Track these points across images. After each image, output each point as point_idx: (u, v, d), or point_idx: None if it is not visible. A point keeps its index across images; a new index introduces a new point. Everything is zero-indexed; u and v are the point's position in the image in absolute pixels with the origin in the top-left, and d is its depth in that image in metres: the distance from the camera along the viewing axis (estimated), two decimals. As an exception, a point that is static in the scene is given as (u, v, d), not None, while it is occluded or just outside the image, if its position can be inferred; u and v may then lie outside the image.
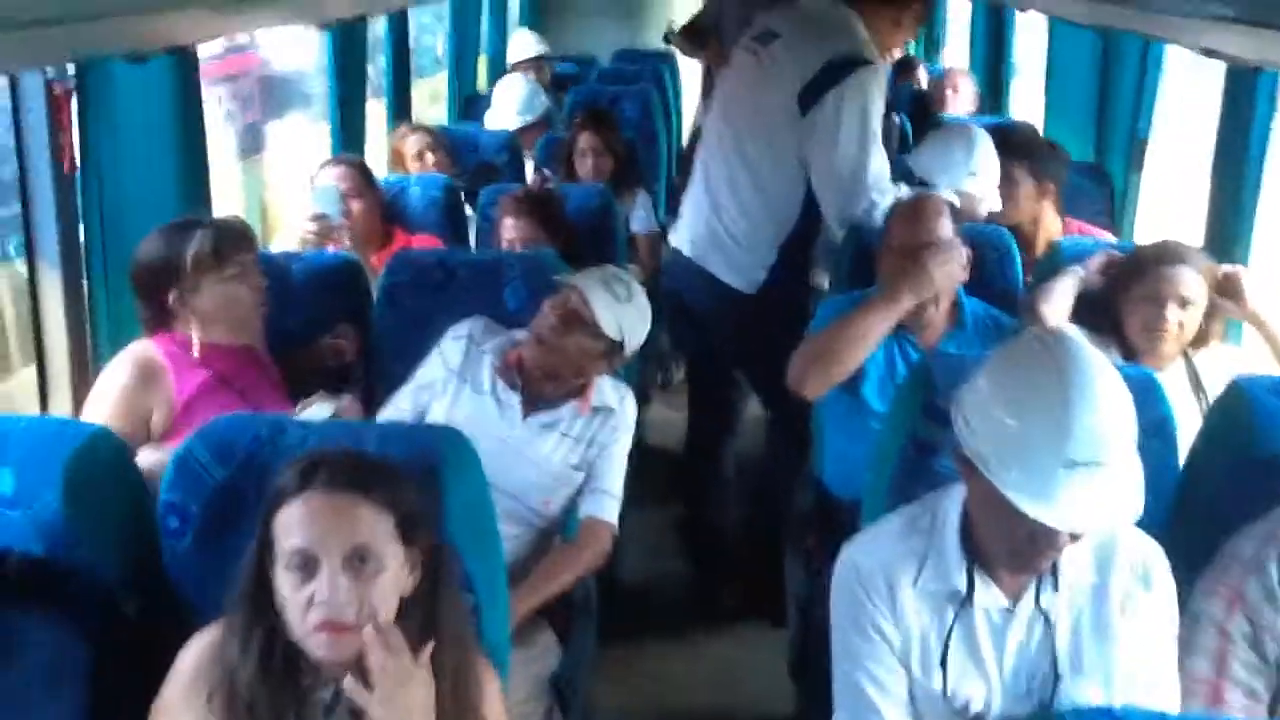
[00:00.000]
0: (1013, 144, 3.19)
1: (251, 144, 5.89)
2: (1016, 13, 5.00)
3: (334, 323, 2.53)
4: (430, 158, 3.91)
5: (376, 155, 3.96)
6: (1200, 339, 2.46)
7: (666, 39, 7.90)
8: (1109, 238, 3.24)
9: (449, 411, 2.26)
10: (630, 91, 5.19)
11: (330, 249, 2.86)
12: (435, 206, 3.41)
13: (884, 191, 2.72)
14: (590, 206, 3.43)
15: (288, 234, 3.03)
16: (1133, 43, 3.37)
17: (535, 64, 5.51)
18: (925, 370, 1.85)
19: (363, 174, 3.26)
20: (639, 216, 4.05)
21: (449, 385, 2.28)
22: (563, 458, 2.25)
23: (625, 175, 4.07)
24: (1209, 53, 2.60)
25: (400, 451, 1.51)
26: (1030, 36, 5.13)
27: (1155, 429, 1.82)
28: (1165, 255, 2.45)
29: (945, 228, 2.44)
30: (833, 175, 2.72)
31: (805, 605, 2.54)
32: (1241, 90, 2.64)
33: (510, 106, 4.64)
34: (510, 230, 3.15)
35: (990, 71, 5.33)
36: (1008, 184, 3.15)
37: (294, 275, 2.56)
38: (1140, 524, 1.51)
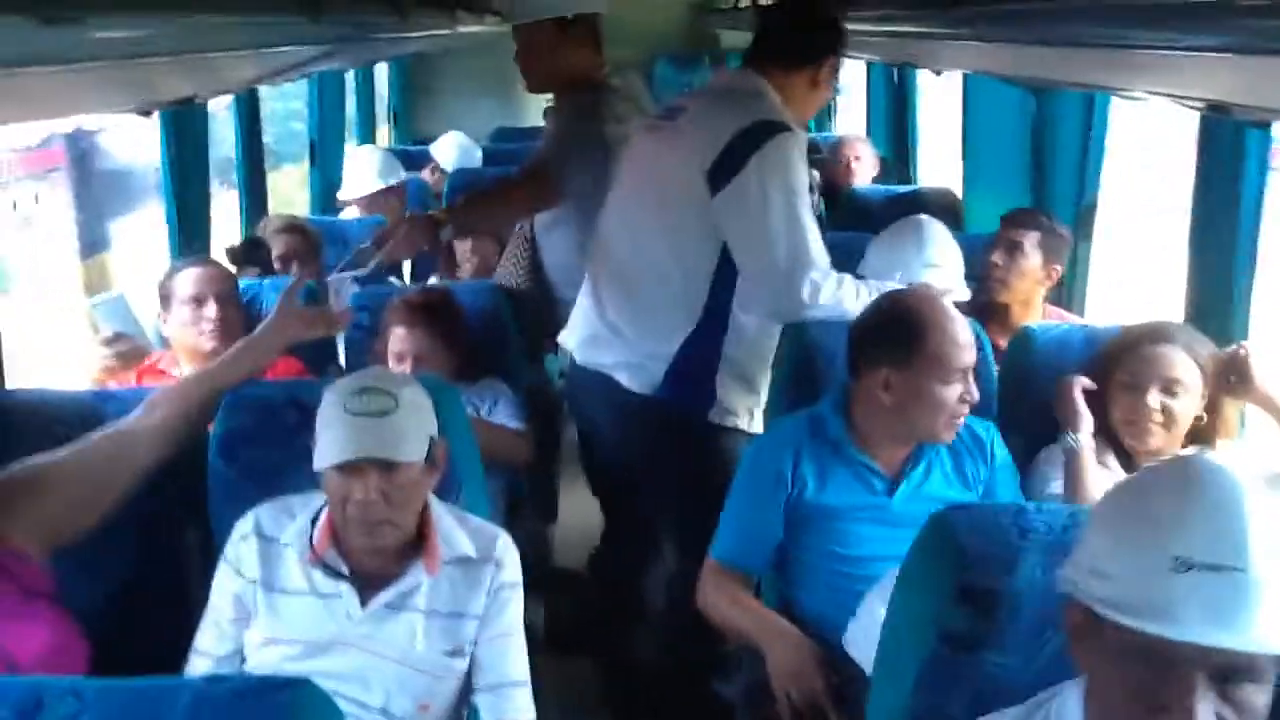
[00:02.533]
0: (1022, 214, 2.91)
1: (95, 242, 5.34)
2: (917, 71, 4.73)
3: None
4: (295, 269, 3.35)
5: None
6: (1205, 435, 2.12)
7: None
8: (1070, 319, 2.91)
9: (267, 635, 1.75)
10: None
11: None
12: (295, 317, 2.87)
13: (825, 273, 2.30)
14: (480, 308, 2.94)
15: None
16: (1072, 94, 3.05)
17: (430, 167, 5.29)
18: (948, 533, 1.39)
19: (231, 279, 2.75)
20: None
21: (255, 602, 1.76)
22: (429, 644, 1.75)
23: None
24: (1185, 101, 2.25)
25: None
26: (932, 93, 4.87)
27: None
28: (1148, 335, 2.14)
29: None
30: (765, 262, 2.29)
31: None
32: (1223, 137, 2.30)
33: (366, 173, 4.19)
34: (400, 343, 2.66)
35: (894, 135, 5.04)
36: (1011, 256, 2.80)
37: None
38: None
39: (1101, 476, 2.05)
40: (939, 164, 4.88)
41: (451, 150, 5.45)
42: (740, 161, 2.28)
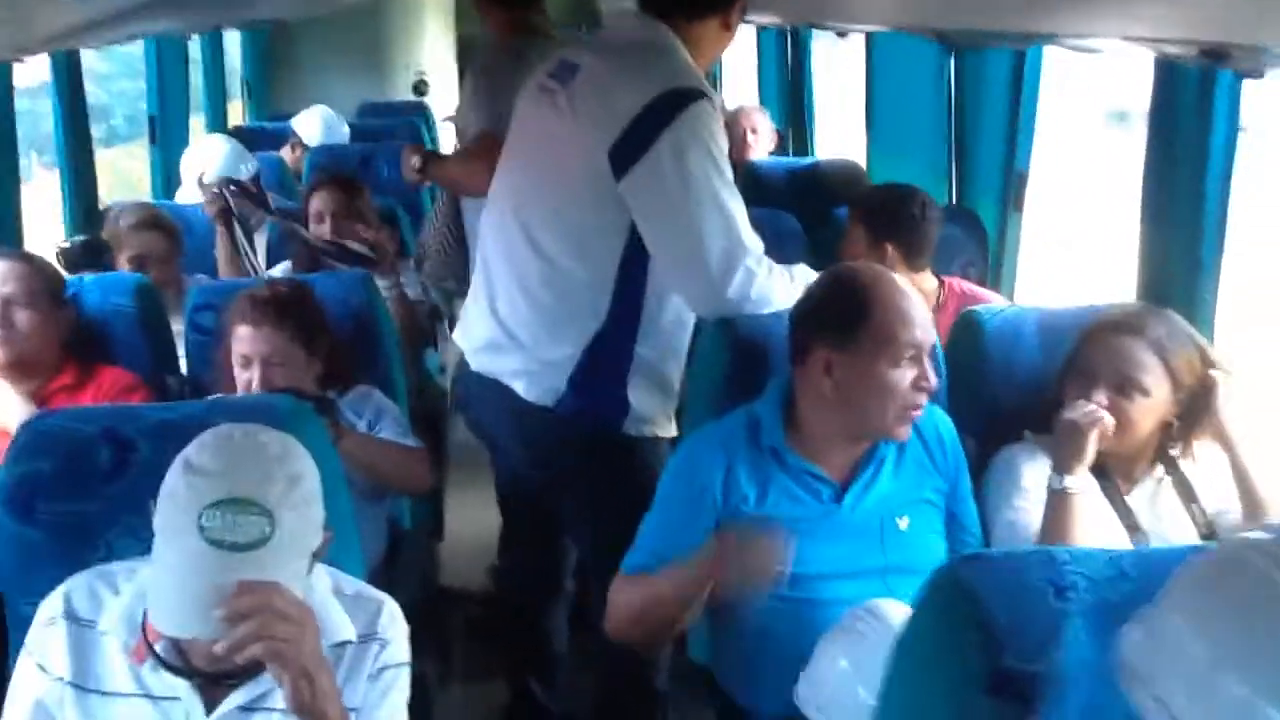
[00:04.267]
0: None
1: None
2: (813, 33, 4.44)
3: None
4: (155, 272, 2.82)
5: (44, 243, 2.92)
6: (1175, 443, 1.87)
7: (418, 89, 7.16)
8: (996, 299, 2.66)
9: None
10: (384, 149, 4.30)
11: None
12: (126, 320, 2.43)
13: (759, 259, 1.98)
14: (350, 301, 2.54)
15: None
16: (997, 50, 2.80)
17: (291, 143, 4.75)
18: (965, 596, 1.06)
19: (40, 274, 2.28)
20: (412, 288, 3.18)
21: (65, 708, 1.35)
22: None
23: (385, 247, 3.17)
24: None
25: None
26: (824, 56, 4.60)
27: None
28: (1112, 324, 1.87)
29: None
30: (687, 253, 1.94)
31: None
32: (1185, 88, 2.05)
33: (206, 173, 3.66)
34: (246, 345, 2.23)
35: (790, 105, 4.76)
36: (846, 242, 2.60)
37: None
38: None
39: (1093, 524, 1.77)
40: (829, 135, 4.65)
41: (315, 125, 4.93)
42: (649, 138, 1.92)
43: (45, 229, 3.37)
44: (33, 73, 3.23)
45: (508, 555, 2.56)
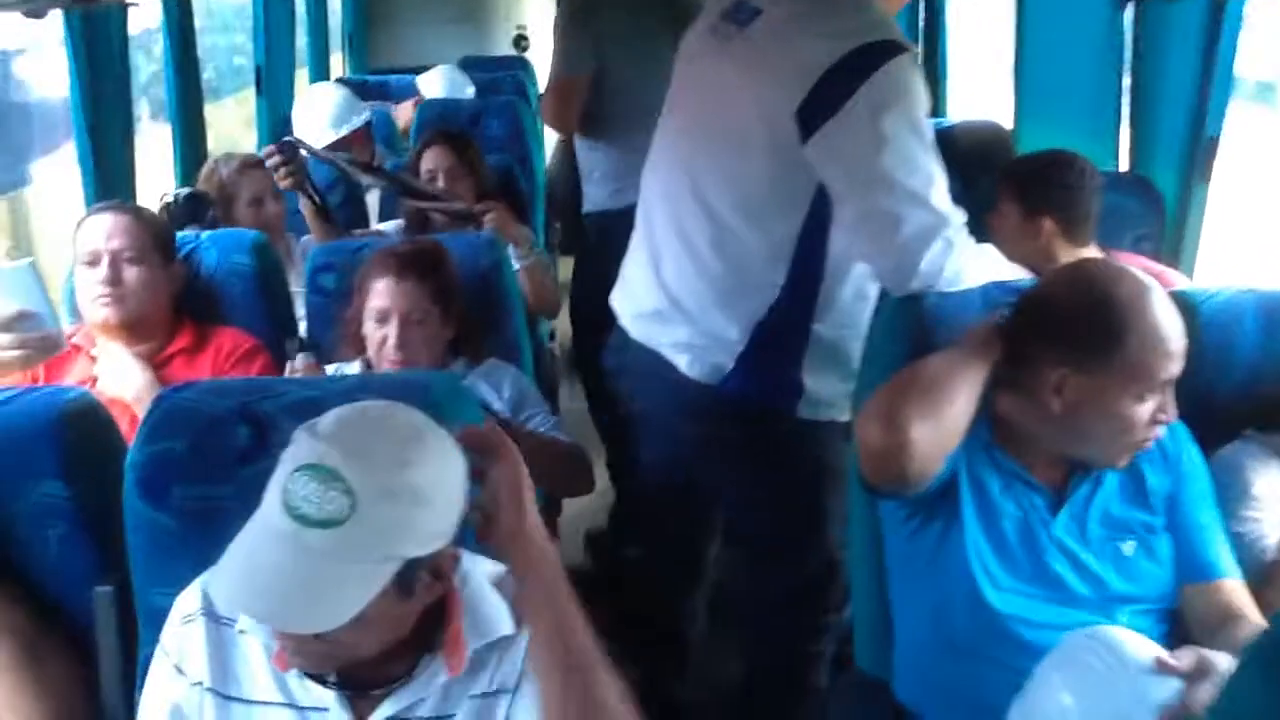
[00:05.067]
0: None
1: (12, 179, 4.73)
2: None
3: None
4: (272, 207, 2.80)
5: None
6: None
7: (518, 44, 6.97)
8: (1178, 278, 2.39)
9: None
10: (493, 105, 4.12)
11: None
12: (243, 279, 2.29)
13: (959, 230, 1.75)
14: (478, 264, 2.37)
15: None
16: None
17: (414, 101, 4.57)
18: None
19: (148, 229, 2.14)
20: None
21: (204, 713, 1.21)
22: None
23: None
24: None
25: None
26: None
27: None
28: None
29: None
30: (883, 220, 1.72)
31: None
32: None
33: (318, 119, 3.54)
34: (387, 298, 2.08)
35: (922, 61, 4.47)
36: (995, 215, 2.33)
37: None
38: None
39: None
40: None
41: (438, 83, 4.77)
42: (843, 96, 1.70)
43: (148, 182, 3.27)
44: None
45: (645, 535, 2.38)
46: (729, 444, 1.94)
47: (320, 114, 3.57)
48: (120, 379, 2.03)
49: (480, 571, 1.25)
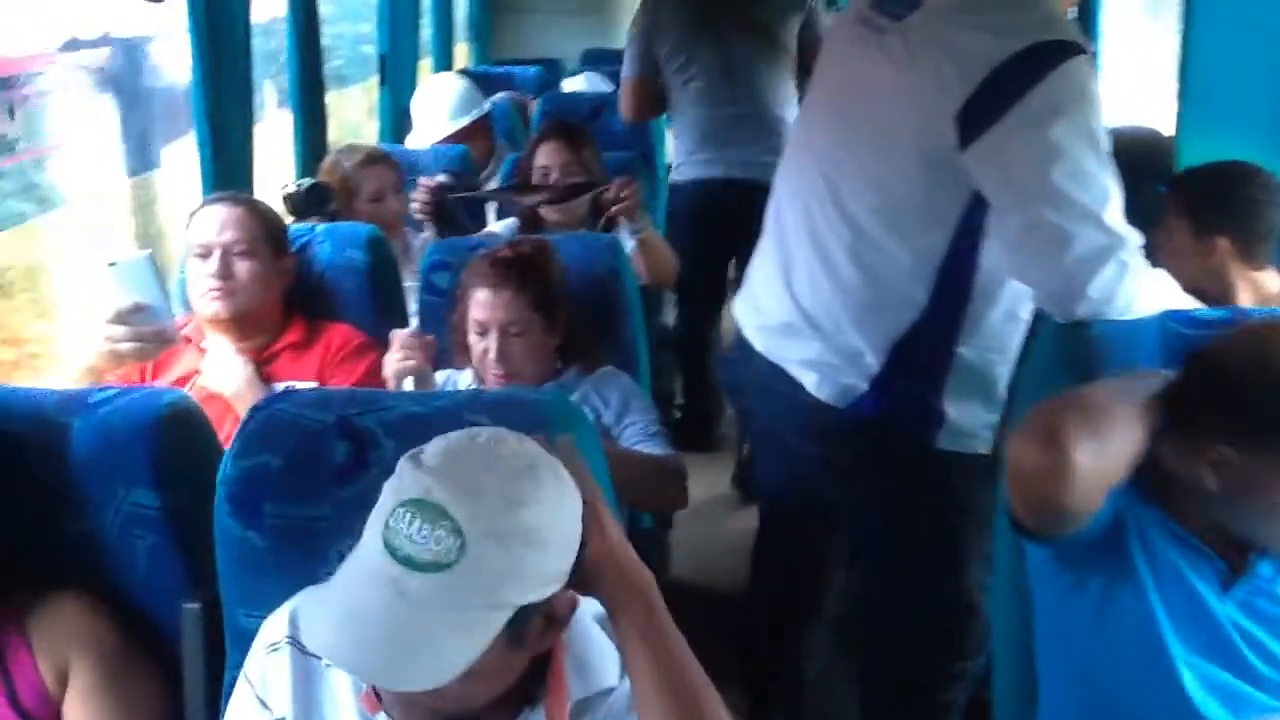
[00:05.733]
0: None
1: (143, 161, 4.82)
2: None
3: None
4: (393, 204, 2.77)
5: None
6: None
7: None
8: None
9: None
10: (615, 99, 4.00)
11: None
12: (357, 275, 2.22)
13: (1134, 251, 1.56)
14: (595, 266, 2.25)
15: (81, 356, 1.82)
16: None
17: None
18: None
19: (261, 222, 2.08)
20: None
21: None
22: None
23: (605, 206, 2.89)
24: None
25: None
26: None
27: None
28: None
29: None
30: (1049, 237, 1.53)
31: None
32: None
33: (439, 110, 3.48)
34: (486, 310, 1.98)
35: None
36: (1160, 231, 2.10)
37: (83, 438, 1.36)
38: None
39: None
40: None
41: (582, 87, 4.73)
42: (1011, 98, 1.52)
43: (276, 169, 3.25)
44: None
45: (759, 563, 2.23)
46: (857, 472, 1.79)
47: (440, 104, 3.51)
48: (221, 374, 1.98)
49: (586, 612, 1.13)
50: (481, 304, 1.99)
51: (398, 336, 1.90)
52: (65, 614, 1.29)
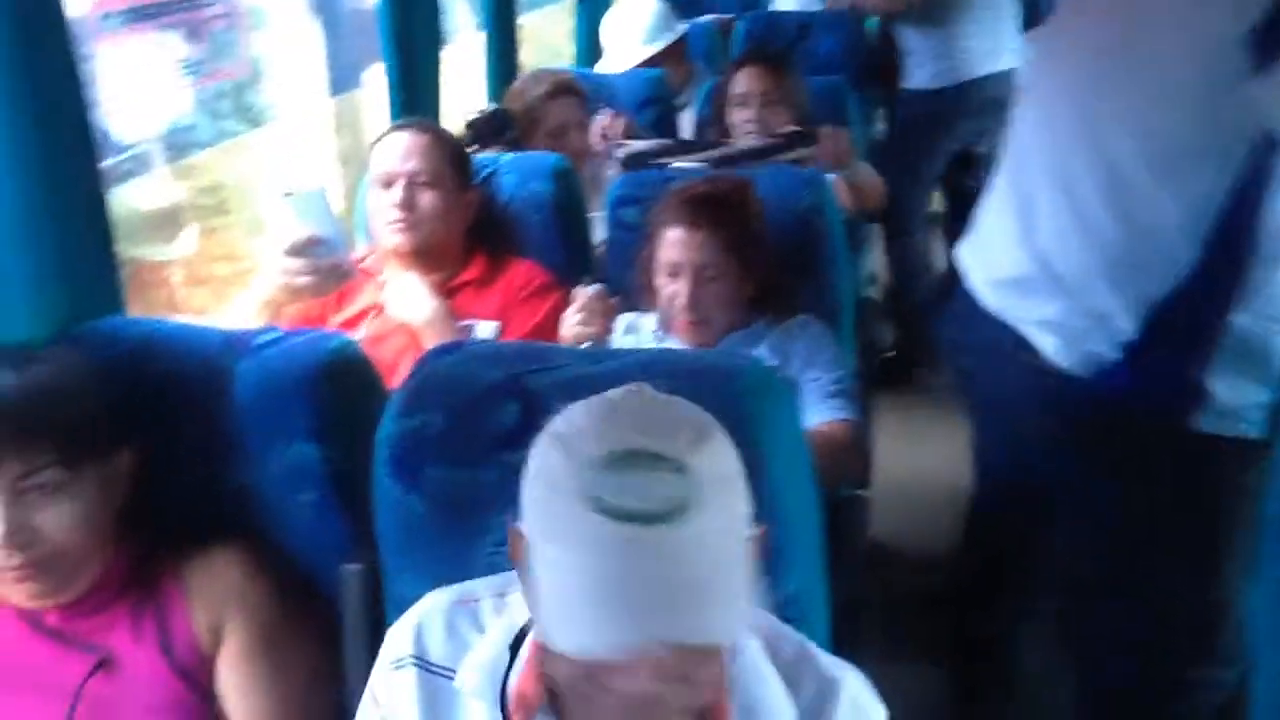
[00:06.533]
0: None
1: (345, 80, 4.88)
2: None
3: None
4: (576, 140, 2.58)
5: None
6: None
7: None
8: None
9: None
10: (824, 19, 3.73)
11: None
12: (542, 208, 2.10)
13: None
14: (796, 204, 2.05)
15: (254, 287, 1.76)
16: None
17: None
18: None
19: (447, 151, 1.98)
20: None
21: None
22: None
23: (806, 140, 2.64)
24: None
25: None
26: None
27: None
28: None
29: None
30: None
31: None
32: None
33: (632, 33, 3.29)
34: (678, 250, 1.81)
35: None
36: None
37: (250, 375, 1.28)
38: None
39: None
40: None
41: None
42: None
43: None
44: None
45: (975, 544, 2.01)
46: (1097, 454, 1.54)
47: (633, 27, 3.33)
48: (410, 303, 1.89)
49: (758, 654, 0.96)
50: (673, 244, 1.83)
51: (580, 295, 1.76)
52: (223, 570, 1.23)
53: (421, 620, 1.01)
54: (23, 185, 1.30)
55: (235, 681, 1.19)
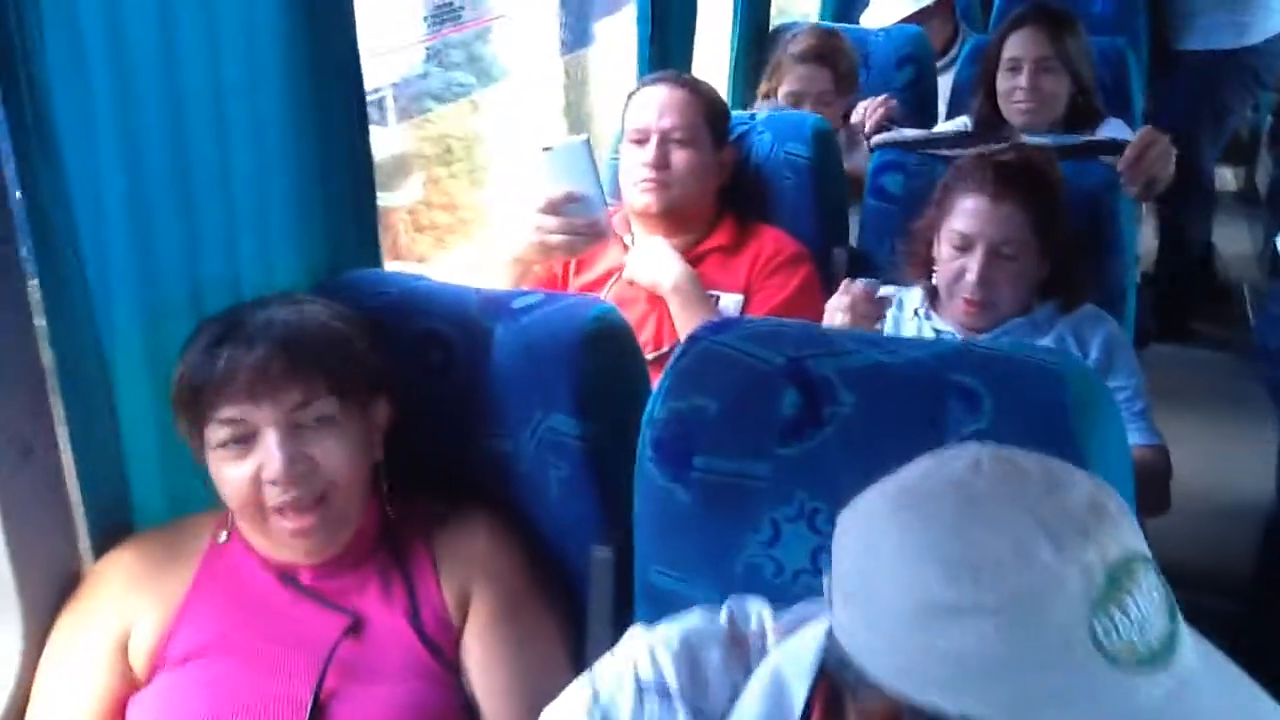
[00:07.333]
0: None
1: (577, 39, 4.84)
2: None
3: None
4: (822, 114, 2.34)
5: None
6: None
7: None
8: None
9: None
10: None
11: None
12: (796, 172, 1.97)
13: None
14: (1089, 186, 1.85)
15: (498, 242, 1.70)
16: None
17: None
18: None
19: (705, 107, 1.88)
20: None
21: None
22: None
23: (1088, 109, 2.37)
24: None
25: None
26: None
27: None
28: None
29: None
30: None
31: None
32: None
33: None
34: (976, 222, 1.62)
35: None
36: None
37: (505, 351, 1.22)
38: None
39: None
40: None
41: None
42: None
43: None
44: None
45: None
46: None
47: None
48: (656, 268, 1.80)
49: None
50: (970, 214, 1.64)
51: (848, 290, 1.61)
52: (473, 537, 1.18)
53: (657, 645, 0.85)
54: (296, 134, 1.28)
55: (478, 654, 1.14)
